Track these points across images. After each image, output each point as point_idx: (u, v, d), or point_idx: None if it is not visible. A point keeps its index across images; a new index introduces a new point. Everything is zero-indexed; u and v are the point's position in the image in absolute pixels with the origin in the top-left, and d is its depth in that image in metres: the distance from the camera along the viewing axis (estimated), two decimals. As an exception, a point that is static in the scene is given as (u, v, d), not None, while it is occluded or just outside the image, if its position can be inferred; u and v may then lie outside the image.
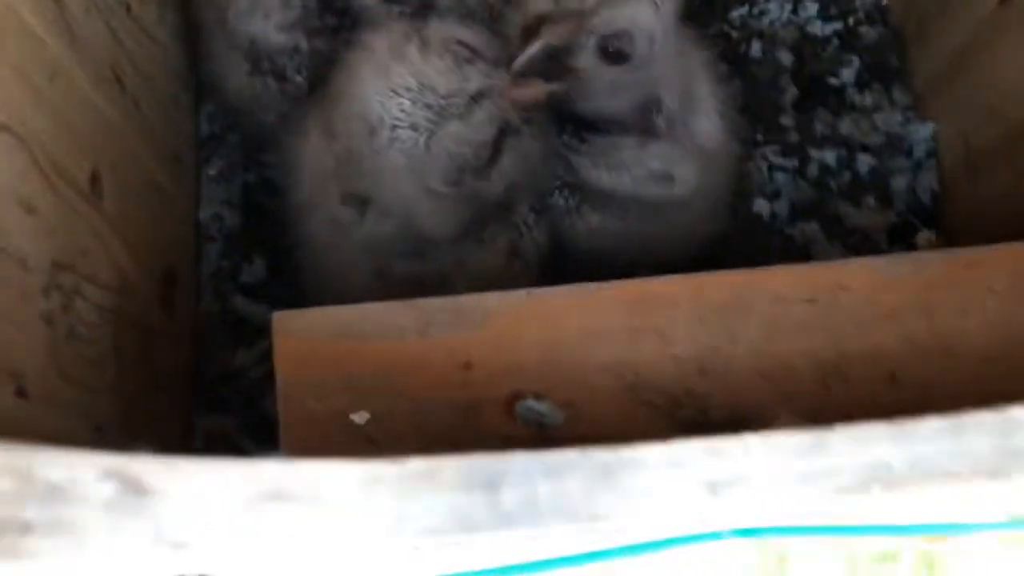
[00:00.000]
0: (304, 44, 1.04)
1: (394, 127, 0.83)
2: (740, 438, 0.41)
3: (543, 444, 0.45)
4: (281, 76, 1.06)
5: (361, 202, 0.92)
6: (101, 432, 0.83)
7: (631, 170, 1.02)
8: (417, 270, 0.96)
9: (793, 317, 0.72)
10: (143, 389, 0.94)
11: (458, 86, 0.83)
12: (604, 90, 0.96)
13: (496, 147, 0.88)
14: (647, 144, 1.01)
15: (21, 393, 0.69)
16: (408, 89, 0.82)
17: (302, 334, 0.72)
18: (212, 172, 1.22)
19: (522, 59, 0.89)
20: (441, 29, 0.87)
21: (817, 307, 0.73)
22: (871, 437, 0.42)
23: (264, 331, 1.15)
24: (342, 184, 0.92)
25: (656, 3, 0.94)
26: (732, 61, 1.33)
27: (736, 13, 1.36)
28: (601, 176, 1.02)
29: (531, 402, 0.69)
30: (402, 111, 0.82)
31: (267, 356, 1.13)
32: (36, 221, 0.74)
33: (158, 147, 1.07)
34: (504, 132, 0.87)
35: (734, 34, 1.35)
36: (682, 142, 1.04)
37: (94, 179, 0.86)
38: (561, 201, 1.04)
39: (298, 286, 1.06)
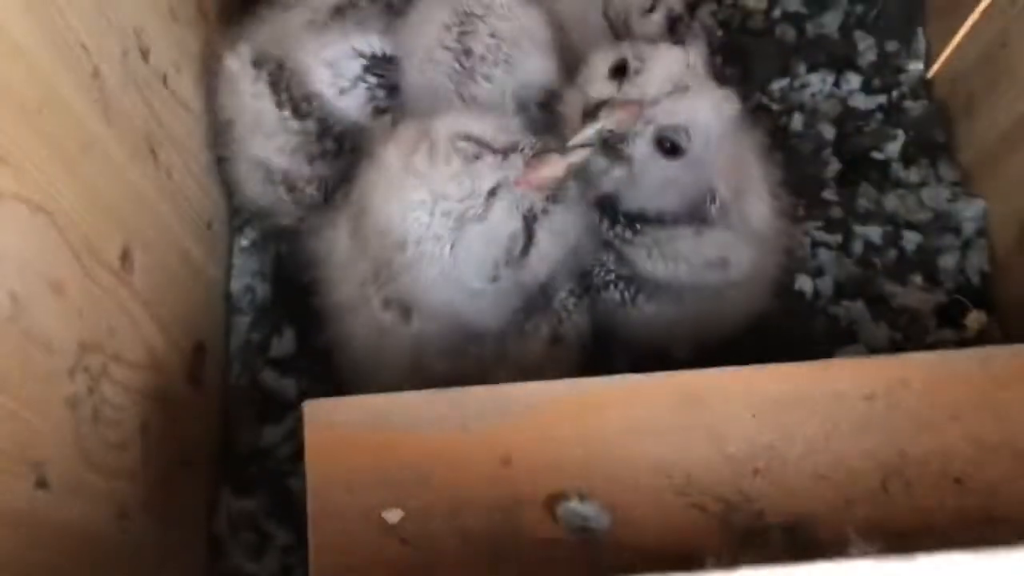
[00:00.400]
0: (306, 169, 1.05)
1: (419, 241, 0.82)
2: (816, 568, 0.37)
3: (587, 550, 0.42)
4: (292, 188, 1.07)
5: (404, 310, 0.91)
6: (126, 519, 0.80)
7: (688, 260, 0.99)
8: (458, 364, 0.94)
9: (852, 414, 0.68)
10: (169, 469, 0.91)
11: (470, 188, 0.81)
12: (654, 183, 0.94)
13: (528, 234, 0.86)
14: (703, 233, 0.98)
15: (42, 484, 0.66)
16: (423, 202, 0.81)
17: (334, 424, 0.69)
18: (244, 243, 1.21)
19: (576, 139, 0.88)
20: (447, 125, 0.85)
21: (876, 404, 0.69)
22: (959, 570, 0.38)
23: (292, 407, 1.13)
24: (381, 290, 0.91)
25: (715, 103, 0.93)
26: (773, 134, 1.31)
27: (776, 85, 1.33)
28: (657, 267, 0.99)
29: (575, 504, 0.65)
30: (422, 225, 0.81)
31: (294, 433, 1.11)
32: (64, 302, 0.72)
33: (190, 217, 1.05)
34: (531, 219, 0.85)
35: (774, 107, 1.33)
36: (735, 227, 1.02)
37: (124, 255, 0.84)
38: (616, 295, 1.01)
39: (334, 380, 1.05)
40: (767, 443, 0.68)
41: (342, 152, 1.03)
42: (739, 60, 1.35)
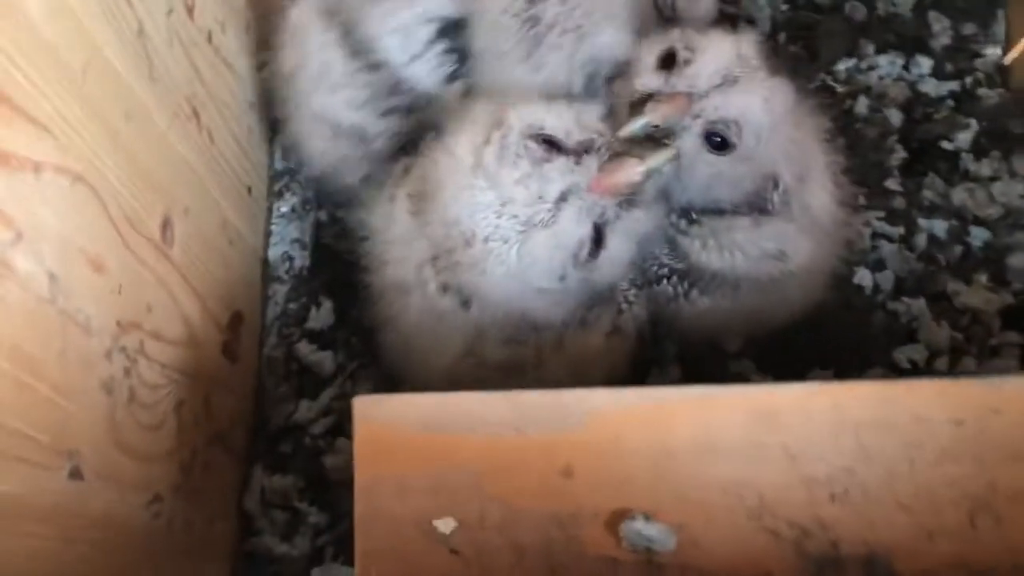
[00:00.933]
0: (376, 124, 0.99)
1: (486, 240, 0.78)
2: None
3: (650, 572, 0.38)
4: (363, 139, 1.00)
5: (464, 298, 0.87)
6: (158, 502, 0.77)
7: (745, 251, 0.94)
8: (515, 352, 0.90)
9: (938, 439, 0.64)
10: (202, 447, 0.88)
11: (538, 193, 0.77)
12: (702, 178, 0.89)
13: (597, 239, 0.81)
14: (760, 224, 0.93)
15: (76, 474, 0.62)
16: (490, 204, 0.78)
17: (385, 423, 0.65)
18: (284, 209, 1.16)
19: (622, 133, 0.83)
20: (521, 118, 0.81)
21: (965, 430, 0.64)
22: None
23: (328, 382, 1.10)
24: (441, 274, 0.87)
25: (767, 96, 0.88)
26: (836, 118, 1.24)
27: (843, 66, 1.27)
28: (712, 258, 0.94)
29: (640, 523, 0.61)
30: (490, 225, 0.78)
31: (330, 409, 1.07)
32: (104, 279, 0.68)
33: (230, 181, 1.01)
34: (601, 225, 0.81)
35: (839, 88, 1.26)
36: (796, 217, 0.97)
37: (165, 225, 0.80)
38: (669, 289, 0.96)
39: (377, 357, 1.02)
40: (846, 466, 0.63)
41: (414, 110, 0.98)
42: (804, 38, 1.29)
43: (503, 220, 0.78)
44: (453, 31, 0.94)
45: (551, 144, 0.80)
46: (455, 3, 0.94)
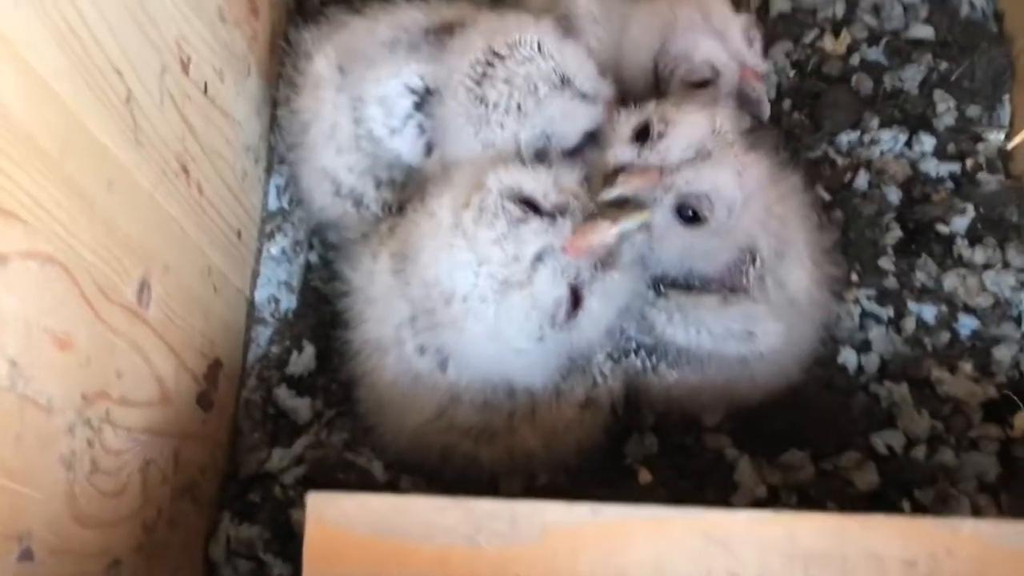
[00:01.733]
0: (371, 191, 1.01)
1: (465, 299, 0.80)
2: None
3: None
4: (359, 203, 1.02)
5: (441, 359, 0.89)
6: (117, 566, 0.77)
7: (710, 329, 0.95)
8: (487, 417, 0.91)
9: (888, 579, 0.64)
10: (168, 503, 0.88)
11: (513, 253, 0.79)
12: (674, 250, 0.91)
13: (575, 301, 0.82)
14: (728, 303, 0.94)
15: (27, 556, 0.63)
16: (468, 263, 0.79)
17: (338, 522, 0.65)
18: (274, 251, 1.16)
19: (594, 204, 0.84)
20: (500, 179, 0.82)
21: (916, 571, 0.64)
22: None
23: (304, 430, 1.10)
24: (418, 336, 0.89)
25: (739, 169, 0.88)
26: (835, 190, 1.24)
27: (845, 138, 1.26)
28: (677, 334, 0.95)
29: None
30: (468, 284, 0.79)
31: (302, 459, 1.07)
32: (70, 356, 0.68)
33: (219, 229, 1.01)
34: (577, 286, 0.81)
35: (839, 160, 1.26)
36: (770, 295, 0.97)
37: (142, 289, 0.81)
38: (637, 362, 0.97)
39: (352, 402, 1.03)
40: (794, 599, 0.63)
41: (406, 184, 1.00)
42: (809, 106, 1.28)
43: (481, 279, 0.80)
44: (430, 105, 0.95)
45: (529, 205, 0.81)
46: (430, 77, 0.94)
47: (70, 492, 0.68)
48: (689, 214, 0.88)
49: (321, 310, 1.15)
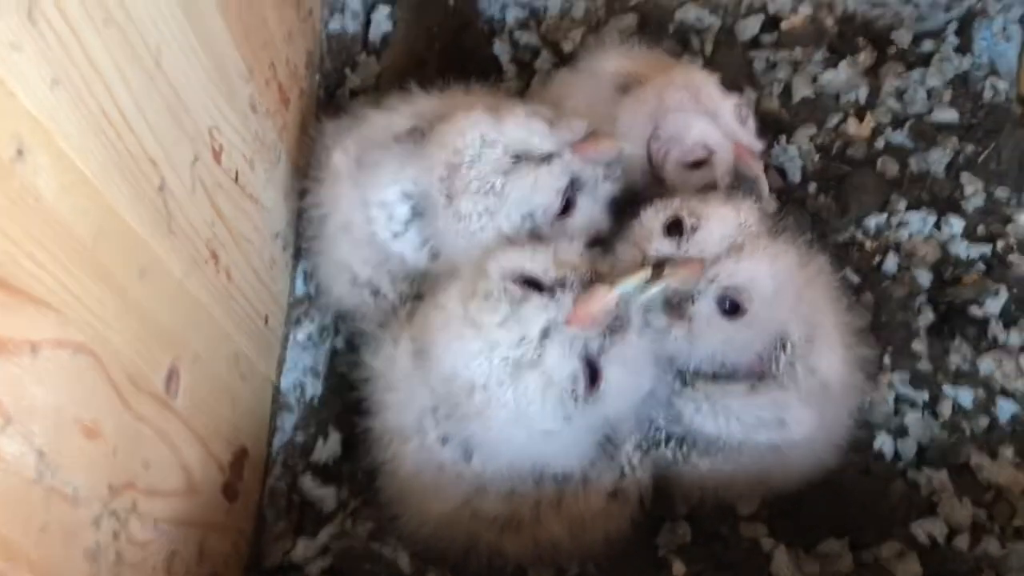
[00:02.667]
0: (387, 284, 1.01)
1: (485, 387, 0.79)
2: None
3: None
4: (376, 293, 1.03)
5: (466, 449, 0.88)
6: (135, 662, 0.75)
7: (739, 418, 0.93)
8: (512, 508, 0.89)
9: None
10: (190, 595, 0.86)
11: (520, 334, 0.78)
12: (714, 344, 0.90)
13: (592, 373, 0.81)
14: (756, 391, 0.92)
15: (46, 655, 0.61)
16: (480, 351, 0.79)
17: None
18: (300, 336, 1.16)
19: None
20: (499, 263, 0.82)
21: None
22: None
23: (329, 519, 1.08)
24: (441, 425, 0.88)
25: (773, 261, 0.89)
26: (864, 274, 1.23)
27: (872, 221, 1.25)
28: (706, 423, 0.93)
29: None
30: (484, 372, 0.79)
31: (327, 549, 1.05)
32: (97, 446, 0.67)
33: (246, 314, 1.01)
34: (591, 356, 0.80)
35: (868, 244, 1.25)
36: (800, 381, 0.95)
37: (170, 377, 0.80)
38: (668, 453, 0.95)
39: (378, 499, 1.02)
40: None
41: (416, 280, 1.00)
42: (834, 189, 1.27)
43: (495, 365, 0.79)
44: (427, 211, 0.95)
45: (531, 284, 0.81)
46: (425, 183, 0.94)
47: (93, 586, 0.67)
48: (728, 305, 0.88)
49: (347, 396, 1.13)
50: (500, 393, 0.80)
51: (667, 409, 0.95)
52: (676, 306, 0.88)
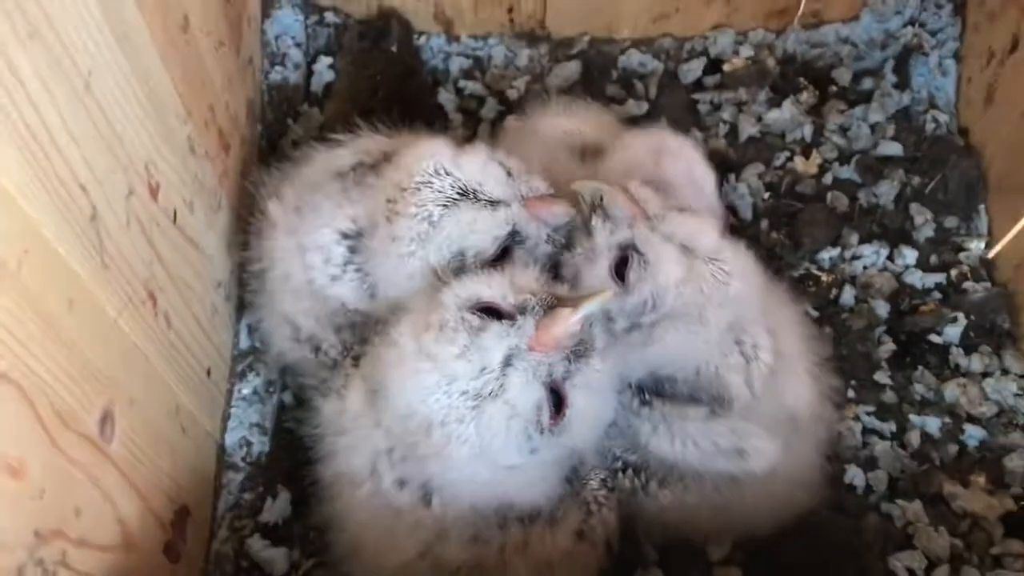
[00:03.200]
0: (331, 336, 0.97)
1: (443, 423, 0.75)
2: None
3: None
4: (317, 349, 0.99)
5: (424, 492, 0.83)
6: None
7: (697, 443, 0.90)
8: (476, 554, 0.84)
9: None
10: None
11: (480, 364, 0.74)
12: (671, 341, 0.87)
13: (557, 401, 0.77)
14: (716, 417, 0.89)
15: None
16: (437, 384, 0.75)
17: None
18: (245, 391, 1.10)
19: (553, 296, 0.80)
20: (455, 293, 0.79)
21: None
22: None
23: (279, 583, 1.01)
24: (396, 468, 0.83)
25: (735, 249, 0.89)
26: (822, 307, 1.22)
27: (826, 255, 1.25)
28: (663, 445, 0.90)
29: None
30: (443, 407, 0.74)
31: (278, 617, 0.98)
32: (22, 485, 0.61)
33: (187, 366, 0.96)
34: (556, 382, 0.76)
35: (824, 277, 1.24)
36: (766, 413, 0.92)
37: (104, 420, 0.74)
38: (626, 482, 0.92)
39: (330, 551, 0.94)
40: None
41: (367, 325, 0.95)
42: (787, 226, 1.27)
43: (454, 399, 0.74)
44: (362, 247, 0.92)
45: (489, 312, 0.77)
46: (362, 217, 0.92)
47: (16, 645, 0.60)
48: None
49: (296, 453, 1.07)
50: (461, 429, 0.75)
51: (624, 435, 0.92)
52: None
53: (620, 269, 0.86)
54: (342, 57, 1.33)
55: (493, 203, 0.87)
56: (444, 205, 0.86)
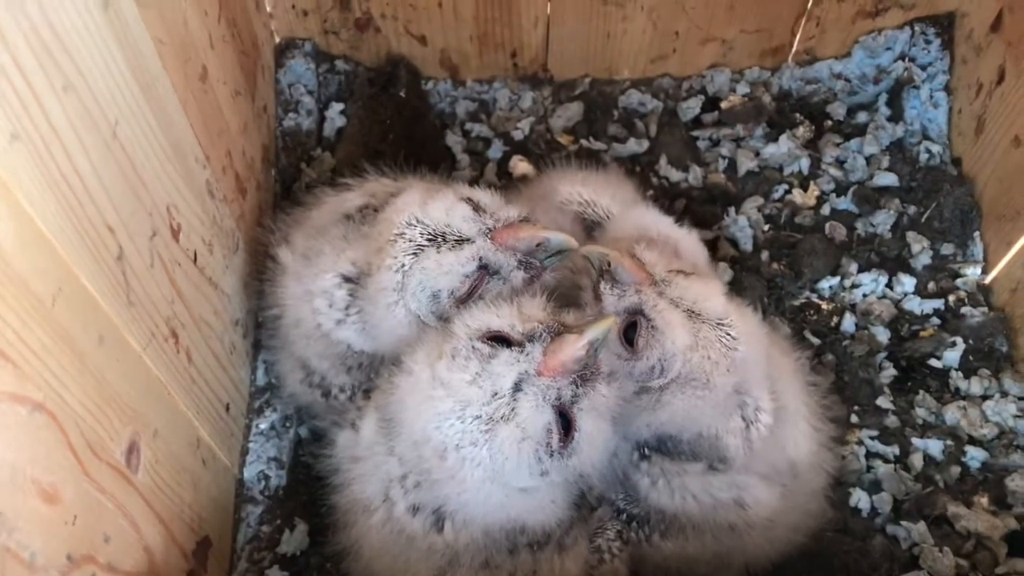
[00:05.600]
0: (343, 377, 1.02)
1: (458, 447, 0.77)
2: None
3: None
4: (327, 394, 1.03)
5: (437, 517, 0.85)
6: None
7: (697, 497, 0.93)
8: None
9: None
10: None
11: (492, 390, 0.77)
12: (677, 405, 0.88)
13: (565, 424, 0.79)
14: (715, 471, 0.92)
15: None
16: (451, 411, 0.78)
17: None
18: (263, 426, 1.14)
19: (559, 323, 0.83)
20: (468, 324, 0.82)
21: None
22: None
23: (298, 613, 1.04)
24: (410, 495, 0.86)
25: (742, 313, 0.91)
26: (823, 335, 1.25)
27: (826, 284, 1.28)
28: (662, 499, 0.93)
29: None
30: (457, 432, 0.77)
31: (296, 647, 1.01)
32: (56, 511, 0.64)
33: (207, 400, 0.99)
34: (564, 405, 0.79)
35: (824, 306, 1.27)
36: (765, 464, 0.95)
37: (131, 450, 0.78)
38: (631, 533, 0.94)
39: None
40: None
41: (366, 368, 1.00)
42: (787, 256, 1.30)
43: (467, 424, 0.77)
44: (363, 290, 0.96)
45: (499, 340, 0.80)
46: (362, 261, 0.96)
47: (51, 663, 0.63)
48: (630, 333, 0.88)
49: (312, 487, 1.10)
50: (475, 452, 0.78)
51: (626, 487, 0.95)
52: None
53: (629, 334, 0.88)
54: (353, 103, 1.38)
55: (460, 242, 0.90)
56: (413, 254, 0.90)
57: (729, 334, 0.87)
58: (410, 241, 0.90)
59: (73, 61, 0.69)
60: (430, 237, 0.90)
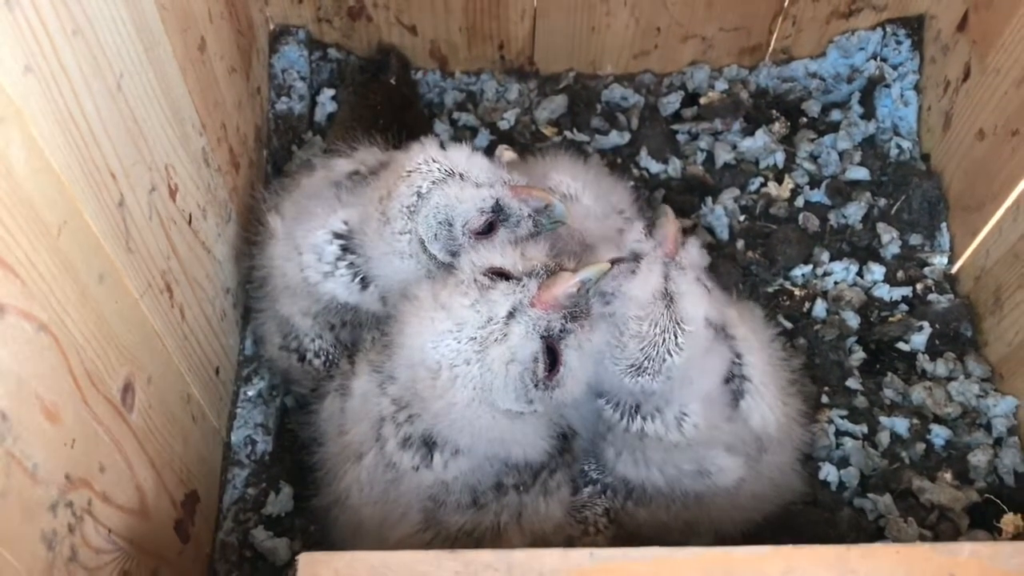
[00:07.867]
0: (327, 336, 1.06)
1: (451, 366, 0.82)
2: None
3: None
4: (302, 359, 1.08)
5: (428, 446, 0.89)
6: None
7: (661, 468, 0.97)
8: (472, 520, 0.90)
9: (896, 607, 0.62)
10: (141, 627, 0.84)
11: (488, 315, 0.82)
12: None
13: (552, 356, 0.84)
14: (676, 446, 0.95)
15: (2, 629, 0.59)
16: (449, 331, 0.83)
17: (330, 581, 0.63)
18: (250, 393, 1.17)
19: (556, 264, 0.88)
20: (471, 261, 0.88)
21: (924, 597, 0.63)
22: None
23: (282, 571, 1.06)
24: (403, 428, 0.90)
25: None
26: (796, 319, 1.29)
27: (799, 272, 1.32)
28: (628, 470, 0.97)
29: None
30: (452, 351, 0.82)
31: (282, 602, 1.03)
32: (57, 429, 0.67)
33: (198, 359, 1.02)
34: (554, 338, 0.84)
35: (797, 292, 1.32)
36: (730, 429, 0.98)
37: (126, 389, 0.81)
38: (606, 502, 0.99)
39: (330, 539, 1.01)
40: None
41: (359, 325, 1.04)
42: (761, 245, 1.35)
43: (462, 344, 0.83)
44: (357, 244, 1.00)
45: (500, 275, 0.86)
46: (355, 219, 1.00)
47: (48, 573, 0.66)
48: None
49: (297, 452, 1.13)
50: (466, 371, 0.83)
51: (596, 457, 0.99)
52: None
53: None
54: (344, 89, 1.42)
55: (478, 184, 0.94)
56: (433, 181, 0.94)
57: (678, 335, 0.90)
58: (428, 173, 0.94)
59: (82, 7, 0.73)
60: (449, 172, 0.94)
